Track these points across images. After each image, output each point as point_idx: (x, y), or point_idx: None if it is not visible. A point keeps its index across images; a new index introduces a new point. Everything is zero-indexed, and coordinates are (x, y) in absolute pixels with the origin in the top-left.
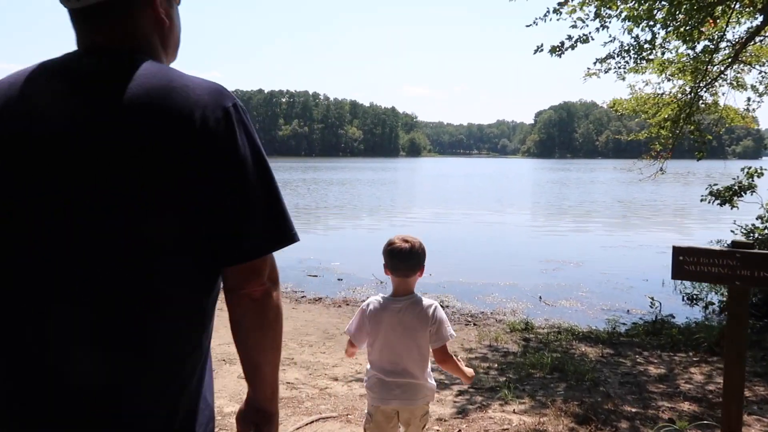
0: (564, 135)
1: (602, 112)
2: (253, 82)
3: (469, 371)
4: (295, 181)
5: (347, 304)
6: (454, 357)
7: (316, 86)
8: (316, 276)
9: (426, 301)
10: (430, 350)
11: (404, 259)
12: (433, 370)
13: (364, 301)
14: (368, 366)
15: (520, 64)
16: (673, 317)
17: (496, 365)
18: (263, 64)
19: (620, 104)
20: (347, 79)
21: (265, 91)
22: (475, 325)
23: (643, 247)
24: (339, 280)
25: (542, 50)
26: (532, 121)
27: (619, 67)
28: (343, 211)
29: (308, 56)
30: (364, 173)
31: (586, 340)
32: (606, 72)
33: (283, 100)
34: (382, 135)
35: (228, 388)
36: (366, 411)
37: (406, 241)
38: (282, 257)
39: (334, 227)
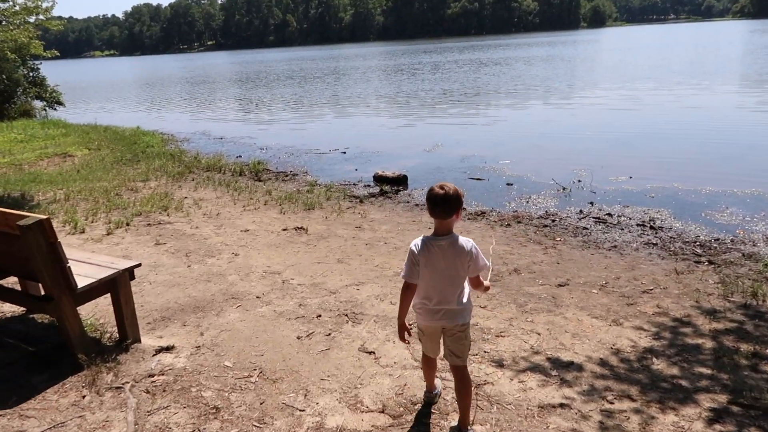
0: None
1: None
2: None
3: (488, 283)
4: (447, 63)
5: (519, 222)
6: (483, 283)
7: None
8: (480, 179)
9: (463, 239)
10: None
11: (440, 204)
12: None
13: (539, 218)
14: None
15: None
16: None
17: None
18: None
19: None
20: None
21: None
22: (710, 263)
23: None
24: (509, 185)
25: None
26: None
27: None
28: (510, 97)
29: None
30: (535, 49)
31: None
32: None
33: None
34: (561, 5)
35: None
36: (417, 326)
37: (442, 188)
38: (439, 155)
39: (502, 117)
